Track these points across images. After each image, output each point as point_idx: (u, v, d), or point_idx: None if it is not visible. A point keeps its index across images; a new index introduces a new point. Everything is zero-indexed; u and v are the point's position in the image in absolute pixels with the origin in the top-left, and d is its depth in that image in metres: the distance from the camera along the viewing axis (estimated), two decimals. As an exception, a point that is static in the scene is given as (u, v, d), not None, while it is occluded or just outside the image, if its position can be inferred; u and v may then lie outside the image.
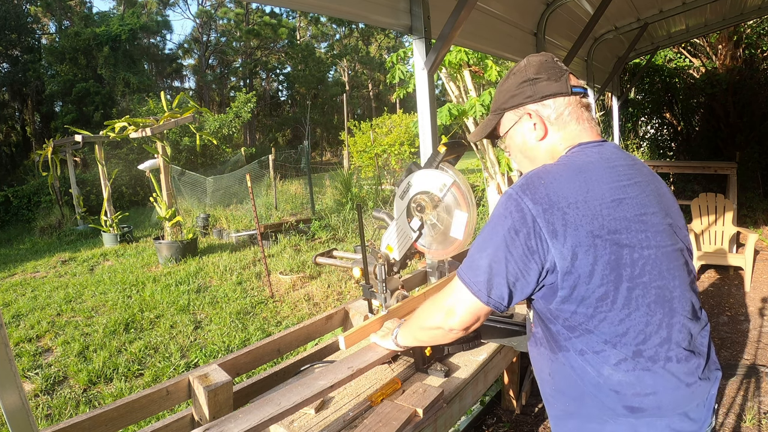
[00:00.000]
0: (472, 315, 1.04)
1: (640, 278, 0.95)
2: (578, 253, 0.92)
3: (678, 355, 0.97)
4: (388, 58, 6.40)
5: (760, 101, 7.24)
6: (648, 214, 1.00)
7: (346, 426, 1.30)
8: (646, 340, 0.96)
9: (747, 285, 4.60)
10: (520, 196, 0.96)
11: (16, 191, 14.46)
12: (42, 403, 3.40)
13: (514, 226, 0.94)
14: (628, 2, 4.67)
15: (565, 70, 1.09)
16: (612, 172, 1.01)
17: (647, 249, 0.97)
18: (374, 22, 2.41)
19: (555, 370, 1.06)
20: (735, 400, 2.85)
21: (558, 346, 1.04)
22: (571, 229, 0.92)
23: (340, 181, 10.22)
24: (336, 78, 37.06)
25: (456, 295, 1.05)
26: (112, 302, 5.57)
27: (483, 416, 2.83)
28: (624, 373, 0.96)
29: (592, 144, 1.06)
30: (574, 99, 1.08)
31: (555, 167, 1.01)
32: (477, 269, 0.99)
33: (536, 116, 1.09)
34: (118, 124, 7.92)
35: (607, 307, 0.95)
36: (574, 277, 0.93)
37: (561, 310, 0.99)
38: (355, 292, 5.28)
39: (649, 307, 0.96)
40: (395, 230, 1.72)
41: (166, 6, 30.67)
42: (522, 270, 0.95)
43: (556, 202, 0.93)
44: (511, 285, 0.97)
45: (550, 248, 0.93)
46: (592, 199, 0.95)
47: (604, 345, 0.97)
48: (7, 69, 22.28)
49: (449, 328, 1.08)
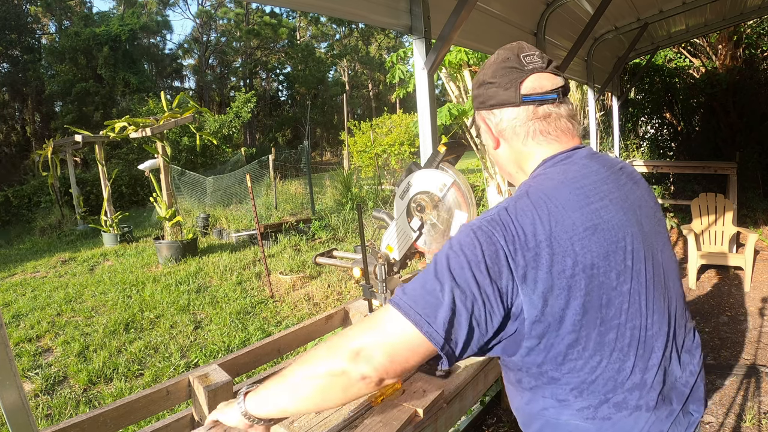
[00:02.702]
0: (402, 361, 0.80)
1: (615, 320, 0.84)
2: (548, 297, 0.79)
3: (648, 403, 0.87)
4: (388, 58, 6.41)
5: (760, 101, 7.24)
6: (627, 237, 0.87)
7: (346, 426, 1.30)
8: (616, 388, 0.86)
9: (747, 285, 4.60)
10: (491, 230, 0.81)
11: (16, 191, 14.46)
12: (42, 403, 3.40)
13: (485, 260, 0.79)
14: (628, 2, 4.67)
15: (524, 72, 0.93)
16: (580, 194, 0.87)
17: (625, 284, 0.85)
18: (374, 22, 2.41)
19: (518, 405, 0.98)
20: (735, 400, 2.85)
21: (521, 387, 0.94)
22: (543, 270, 0.79)
23: (340, 181, 10.22)
24: (336, 78, 37.08)
25: (384, 331, 0.81)
26: (112, 302, 5.58)
27: (483, 416, 2.83)
28: (584, 420, 0.87)
29: (556, 160, 0.93)
30: (526, 110, 0.94)
31: (522, 198, 0.87)
32: (434, 305, 0.78)
33: (485, 124, 1.01)
34: (118, 124, 7.92)
35: (577, 354, 0.84)
36: (543, 325, 0.81)
37: (525, 362, 0.87)
38: (355, 292, 5.28)
39: (623, 351, 0.85)
40: (395, 230, 1.72)
41: (166, 6, 30.69)
42: (488, 313, 0.79)
43: (527, 241, 0.80)
44: (471, 331, 0.79)
45: (519, 293, 0.79)
46: (563, 231, 0.81)
47: (568, 394, 0.87)
48: (7, 69, 22.31)
49: (361, 375, 0.80)
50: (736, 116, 7.39)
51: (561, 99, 0.95)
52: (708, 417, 2.71)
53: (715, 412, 2.76)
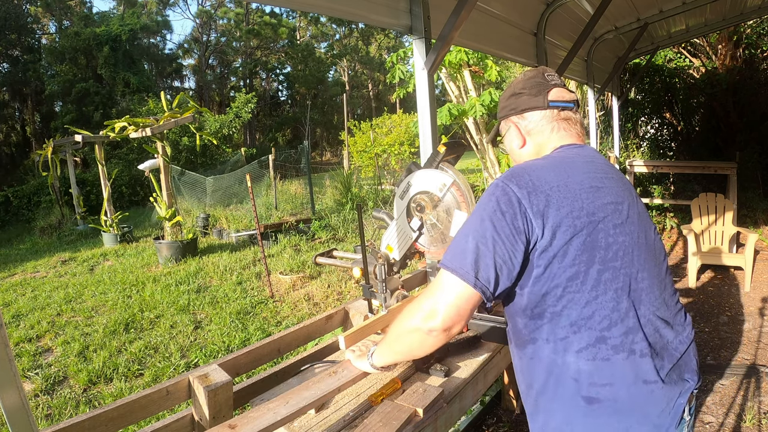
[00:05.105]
0: (455, 308, 0.98)
1: (612, 262, 0.99)
2: (557, 232, 0.95)
3: (642, 349, 0.98)
4: (388, 58, 6.41)
5: (760, 101, 7.23)
6: (623, 203, 1.06)
7: (346, 426, 1.30)
8: (611, 326, 0.97)
9: (747, 285, 4.60)
10: (505, 183, 1.00)
11: (16, 191, 14.46)
12: (42, 403, 3.40)
13: (500, 208, 0.97)
14: (628, 2, 4.67)
15: (550, 85, 1.17)
16: (590, 166, 1.09)
17: (621, 236, 1.01)
18: (374, 22, 2.41)
19: (524, 365, 1.10)
20: (735, 400, 2.85)
21: (524, 340, 1.07)
22: (553, 209, 0.96)
23: (340, 181, 10.22)
24: (336, 78, 37.07)
25: (438, 289, 1.00)
26: (112, 302, 5.57)
27: (483, 416, 2.83)
28: (585, 362, 0.98)
29: (572, 146, 1.15)
30: (551, 113, 1.16)
31: (537, 161, 1.10)
32: (462, 252, 0.97)
33: (515, 127, 1.21)
34: (118, 124, 7.92)
35: (576, 287, 0.97)
36: (549, 255, 0.96)
37: (532, 293, 1.00)
38: (355, 292, 5.28)
39: (617, 292, 0.98)
40: (395, 230, 1.72)
41: (166, 6, 30.68)
42: (510, 251, 0.96)
43: (539, 186, 0.99)
44: (498, 268, 0.96)
45: (534, 228, 0.96)
46: (573, 183, 1.01)
47: (569, 329, 0.99)
48: (7, 69, 22.30)
49: (428, 329, 1.01)
50: (736, 116, 7.38)
51: (576, 109, 1.19)
52: (708, 417, 2.71)
53: (715, 412, 2.76)
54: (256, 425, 1.09)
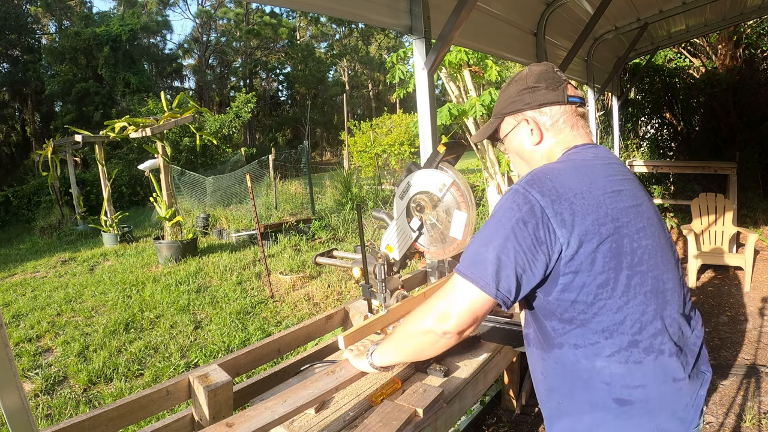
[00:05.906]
0: (471, 314, 0.98)
1: (639, 266, 0.98)
2: (584, 240, 0.94)
3: (670, 349, 0.99)
4: (388, 58, 6.40)
5: (760, 101, 7.23)
6: (643, 206, 1.06)
7: (346, 426, 1.30)
8: (641, 329, 0.97)
9: (747, 285, 4.60)
10: (527, 189, 0.97)
11: (16, 191, 14.47)
12: (42, 403, 3.40)
13: (522, 217, 0.94)
14: (628, 2, 4.67)
15: (563, 80, 1.14)
16: (608, 168, 1.07)
17: (645, 239, 1.01)
18: (374, 22, 2.41)
19: (547, 368, 1.08)
20: (735, 400, 2.85)
21: (551, 344, 1.05)
22: (579, 217, 0.94)
23: (340, 181, 10.22)
24: (336, 78, 37.06)
25: (454, 295, 1.00)
26: (112, 302, 5.57)
27: (483, 416, 2.83)
28: (617, 365, 0.98)
29: (587, 146, 1.12)
30: (570, 108, 1.13)
31: (556, 164, 1.06)
32: (483, 263, 0.96)
33: (533, 122, 1.14)
34: (118, 124, 7.92)
35: (607, 294, 0.96)
36: (576, 263, 0.95)
37: (560, 300, 0.99)
38: (355, 292, 5.28)
39: (646, 296, 0.98)
40: (395, 230, 1.72)
41: (166, 6, 30.69)
42: (530, 261, 0.94)
43: (563, 194, 0.96)
44: (519, 277, 0.95)
45: (558, 238, 0.94)
46: (595, 189, 0.99)
47: (600, 335, 0.98)
48: (7, 69, 22.30)
49: (442, 332, 1.01)
50: (736, 116, 7.38)
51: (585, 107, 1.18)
52: (708, 417, 2.71)
53: (715, 412, 2.76)
54: (253, 423, 1.09)
